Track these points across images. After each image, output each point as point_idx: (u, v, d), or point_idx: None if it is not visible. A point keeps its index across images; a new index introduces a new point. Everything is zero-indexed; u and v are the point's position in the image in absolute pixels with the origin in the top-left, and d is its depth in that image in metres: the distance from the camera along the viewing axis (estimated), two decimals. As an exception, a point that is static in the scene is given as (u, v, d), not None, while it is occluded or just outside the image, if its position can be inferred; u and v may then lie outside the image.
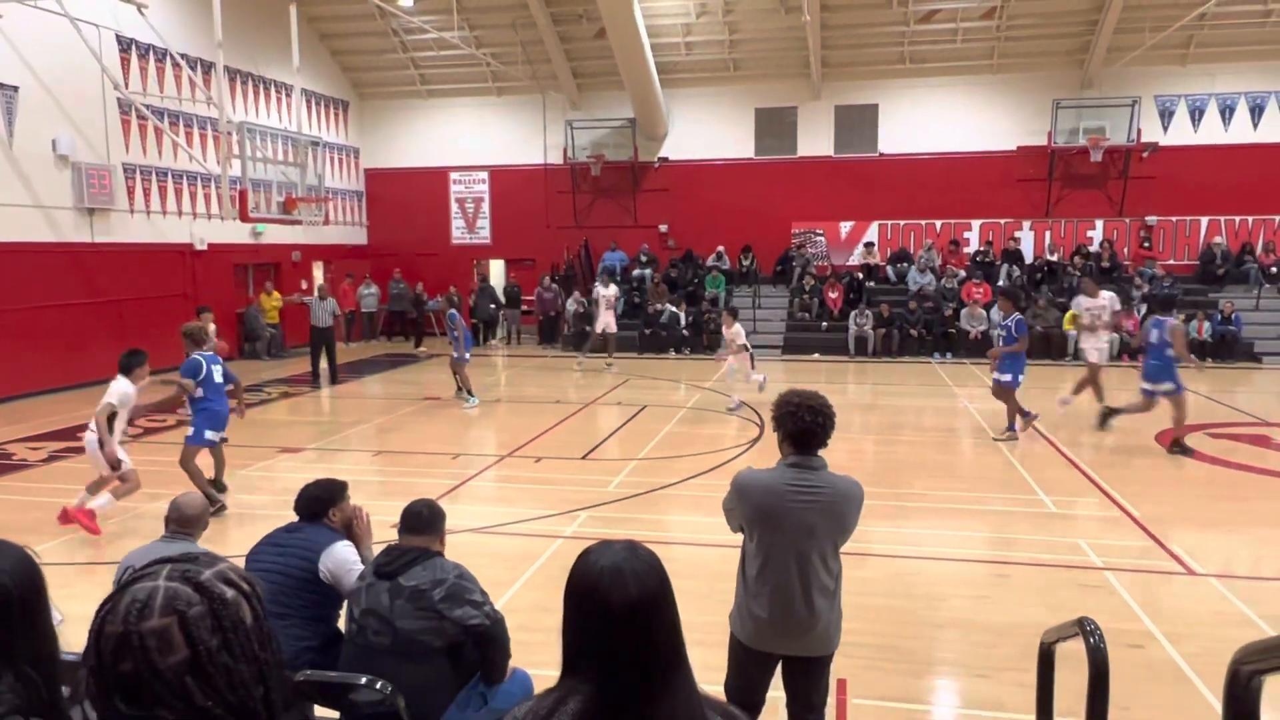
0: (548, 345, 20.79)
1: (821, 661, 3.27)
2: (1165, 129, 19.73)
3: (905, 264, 20.47)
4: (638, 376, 15.83)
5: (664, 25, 19.87)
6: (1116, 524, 7.27)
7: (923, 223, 21.05)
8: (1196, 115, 19.68)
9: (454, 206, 23.48)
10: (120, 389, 6.91)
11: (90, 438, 6.94)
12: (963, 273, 19.81)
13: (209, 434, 7.67)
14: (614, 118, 21.83)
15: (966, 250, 20.67)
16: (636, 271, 21.28)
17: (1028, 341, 10.81)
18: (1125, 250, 20.00)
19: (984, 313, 18.34)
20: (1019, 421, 10.53)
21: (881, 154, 21.00)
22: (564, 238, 22.36)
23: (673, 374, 16.26)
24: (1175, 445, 9.70)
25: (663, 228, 22.17)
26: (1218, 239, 19.57)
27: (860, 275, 20.30)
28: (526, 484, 8.72)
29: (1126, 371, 14.57)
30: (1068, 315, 15.46)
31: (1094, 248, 20.04)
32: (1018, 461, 9.42)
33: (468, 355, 12.88)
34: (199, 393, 7.54)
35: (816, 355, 18.61)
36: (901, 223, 21.16)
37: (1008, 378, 10.43)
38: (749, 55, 20.88)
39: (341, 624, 3.53)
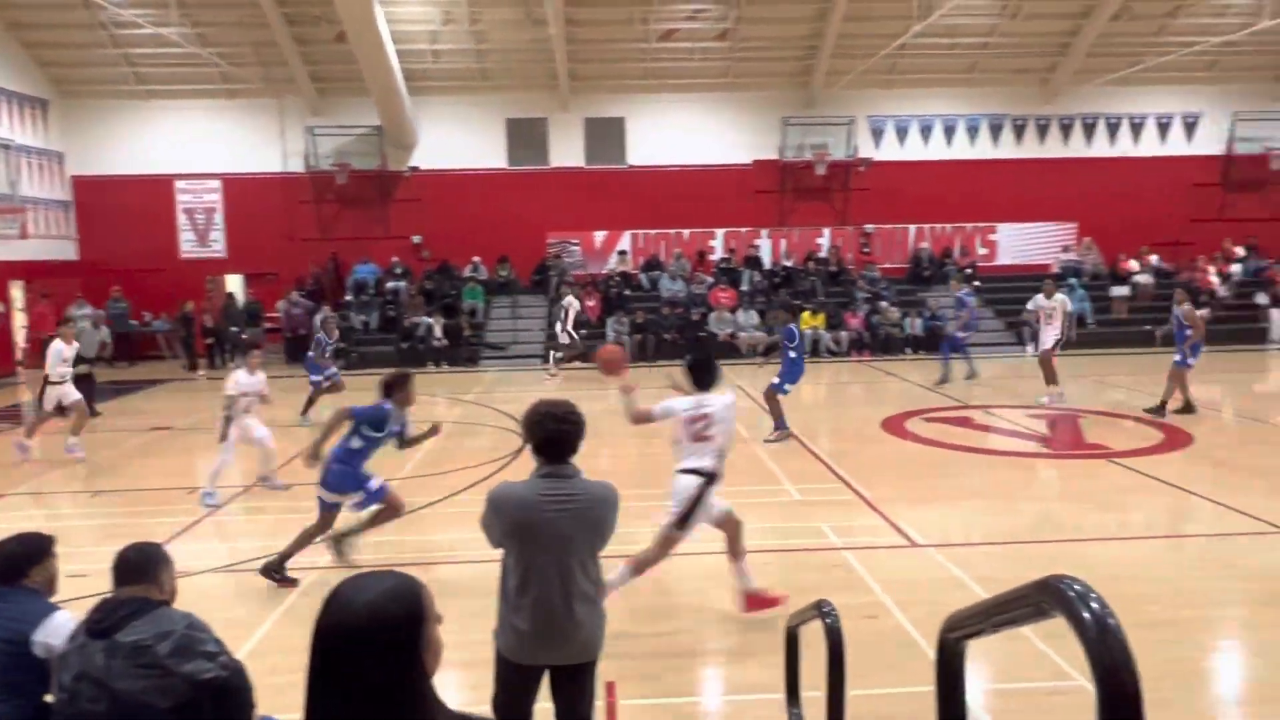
0: (296, 364, 19.55)
1: (586, 668, 3.30)
2: (877, 146, 21.93)
3: (657, 271, 21.27)
4: (396, 393, 15.30)
5: (409, 32, 19.38)
6: (852, 507, 7.94)
7: (672, 232, 21.99)
8: (902, 134, 22.04)
9: (182, 217, 21.57)
10: None
11: None
12: (710, 279, 20.89)
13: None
14: (359, 125, 21.00)
15: (712, 258, 21.83)
16: (391, 284, 20.58)
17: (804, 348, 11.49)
18: (849, 255, 21.98)
19: (731, 316, 19.46)
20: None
21: (630, 165, 21.72)
22: (310, 250, 21.18)
23: (430, 388, 15.86)
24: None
25: (416, 239, 21.61)
26: (924, 244, 22.02)
27: (616, 283, 20.85)
28: (278, 514, 8.15)
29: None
30: (803, 316, 16.76)
31: (823, 254, 21.86)
32: (767, 455, 10.04)
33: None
34: None
35: (577, 363, 18.87)
36: (652, 232, 21.99)
37: (776, 381, 10.92)
38: (498, 66, 20.86)
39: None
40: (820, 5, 19.35)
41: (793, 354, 10.82)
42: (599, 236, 21.98)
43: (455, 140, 21.42)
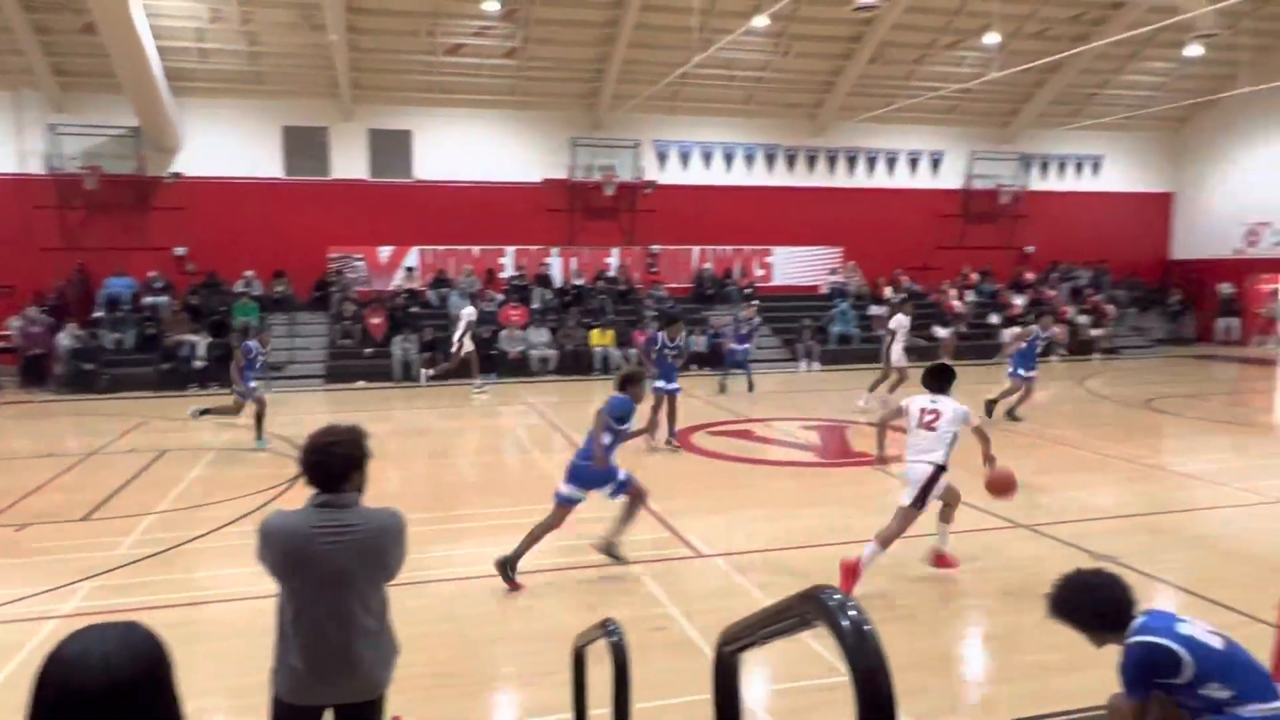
0: (35, 388, 17.45)
1: (371, 705, 3.14)
2: (662, 168, 22.70)
3: (446, 288, 20.86)
4: (156, 418, 14.02)
5: (172, 27, 17.92)
6: (642, 521, 8.10)
7: (461, 248, 21.67)
8: (685, 158, 22.96)
9: (-112, 221, 18.74)
10: None
11: None
12: (500, 296, 20.75)
13: None
14: (112, 125, 19.14)
15: (503, 275, 21.70)
16: (149, 299, 18.87)
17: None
18: (637, 275, 22.57)
19: (521, 334, 19.40)
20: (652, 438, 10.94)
21: (418, 179, 21.21)
22: (52, 260, 19.03)
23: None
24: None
25: (180, 250, 19.95)
26: (707, 265, 23.00)
27: (403, 300, 20.25)
28: (4, 559, 7.22)
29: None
30: (593, 333, 17.03)
31: (612, 273, 22.32)
32: (557, 472, 10.05)
33: None
34: None
35: (361, 383, 18.13)
36: (441, 248, 21.56)
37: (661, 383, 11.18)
38: (273, 69, 19.74)
39: None
40: (606, 31, 19.82)
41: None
42: (384, 252, 21.27)
43: (226, 146, 20.02)
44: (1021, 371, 12.87)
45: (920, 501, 6.24)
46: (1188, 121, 26.00)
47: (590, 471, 6.61)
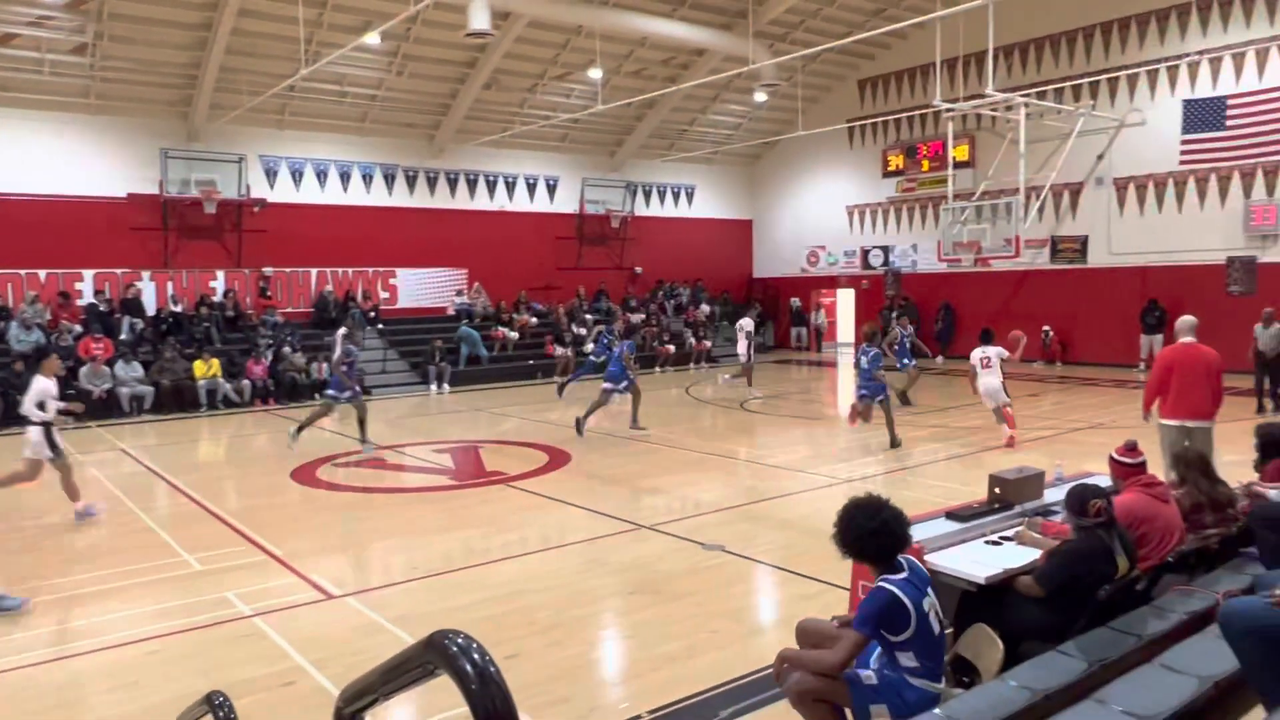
0: None
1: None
2: (272, 186, 21.20)
3: (4, 320, 17.60)
4: None
5: None
6: (263, 567, 7.46)
7: (23, 272, 18.45)
8: (297, 176, 21.66)
9: None
10: None
11: None
12: (78, 327, 17.97)
13: None
14: None
15: (80, 302, 18.82)
16: None
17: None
18: (248, 299, 20.82)
19: (107, 369, 16.95)
20: None
21: (-41, 191, 17.68)
22: None
23: None
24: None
25: None
26: (328, 288, 21.87)
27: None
28: None
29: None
30: (197, 365, 15.29)
31: (218, 298, 20.36)
32: (160, 526, 8.93)
33: None
34: None
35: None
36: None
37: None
38: None
39: None
40: (199, 34, 18.06)
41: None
42: (-87, 277, 17.42)
43: None
44: (906, 361, 15.77)
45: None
46: (760, 158, 29.93)
47: None
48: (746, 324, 19.48)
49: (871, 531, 3.64)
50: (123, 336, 18.29)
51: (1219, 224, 19.32)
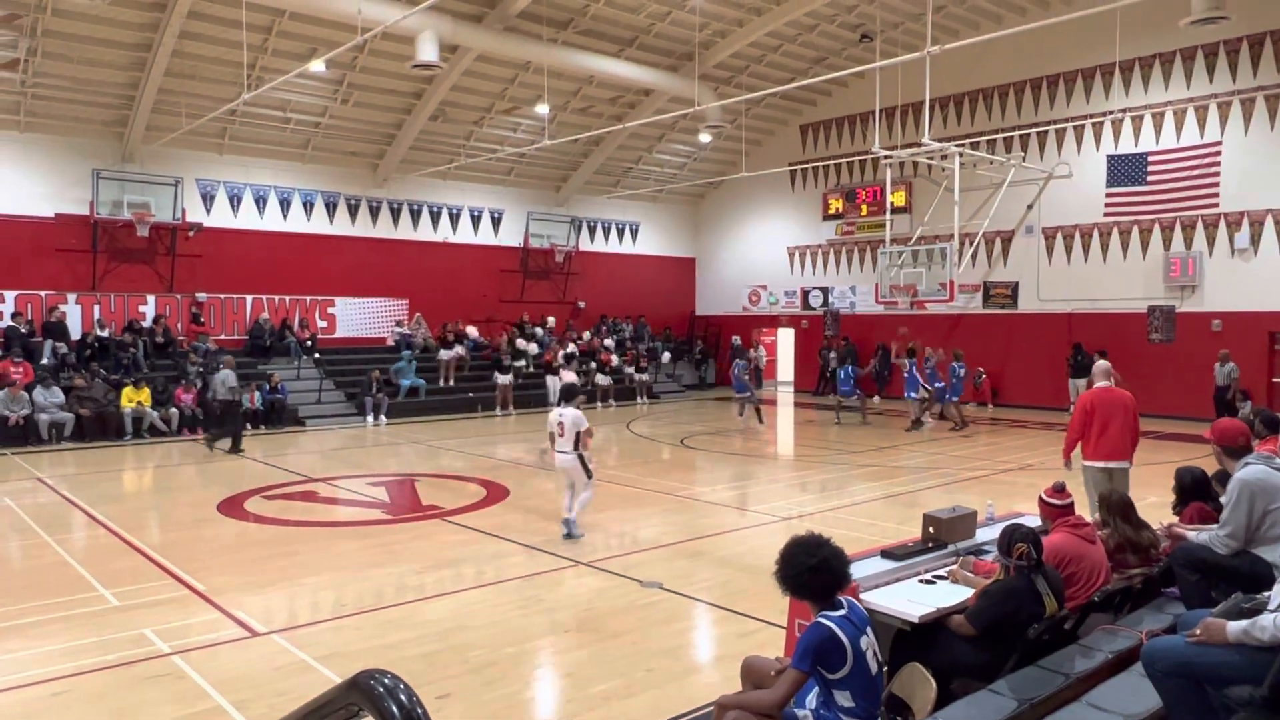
0: None
1: None
2: (208, 211, 20.77)
3: (-85, 341, 16.83)
4: None
5: None
6: (184, 603, 7.18)
7: (-62, 292, 17.70)
8: (235, 201, 21.26)
9: None
10: None
11: None
12: (-3, 351, 17.26)
13: None
14: None
15: (-1, 324, 18.10)
16: None
17: None
18: (179, 325, 20.26)
19: (25, 394, 16.30)
20: None
21: None
22: None
23: None
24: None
25: None
26: (264, 315, 21.40)
27: None
28: None
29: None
30: (125, 392, 14.85)
31: (148, 323, 19.78)
32: (75, 559, 8.55)
33: None
34: None
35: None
36: (-93, 291, 17.40)
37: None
38: None
39: None
40: (138, 55, 17.70)
41: None
42: None
43: None
44: (917, 394, 17.93)
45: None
46: (704, 198, 30.33)
47: None
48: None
49: (811, 568, 3.65)
50: (44, 360, 17.63)
51: (1141, 274, 20.13)
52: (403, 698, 1.27)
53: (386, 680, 1.31)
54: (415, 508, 11.14)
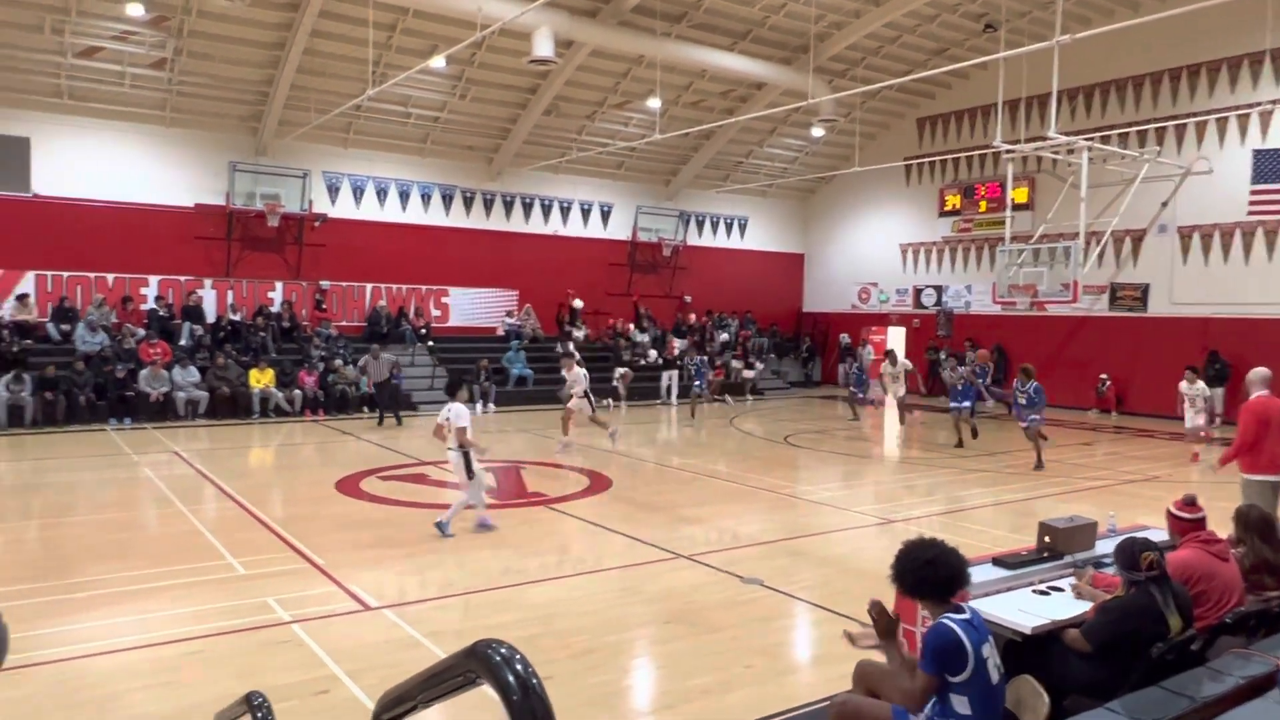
0: None
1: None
2: (333, 202, 21.70)
3: (72, 322, 18.19)
4: None
5: None
6: (303, 575, 7.55)
7: (91, 275, 19.07)
8: (358, 193, 22.15)
9: None
10: None
11: None
12: (141, 331, 18.50)
13: None
14: None
15: (143, 307, 19.38)
16: None
17: None
18: (304, 311, 21.25)
19: (165, 373, 17.41)
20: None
21: (36, 195, 18.38)
22: None
23: None
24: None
25: None
26: (381, 303, 22.23)
27: (11, 333, 17.34)
28: None
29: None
30: (252, 373, 15.64)
31: (275, 308, 20.82)
32: (207, 528, 9.09)
33: None
34: None
35: None
36: (65, 274, 18.81)
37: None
38: None
39: None
40: (272, 53, 18.65)
41: None
42: (-11, 276, 18.12)
43: None
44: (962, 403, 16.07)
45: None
46: (815, 193, 29.87)
47: None
48: (908, 363, 19.64)
49: (929, 561, 3.56)
50: (182, 342, 18.78)
51: (1287, 277, 18.78)
52: (519, 667, 1.31)
53: (504, 650, 1.35)
54: (520, 494, 11.39)
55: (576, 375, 14.76)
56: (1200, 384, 15.38)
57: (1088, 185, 18.43)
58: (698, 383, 20.51)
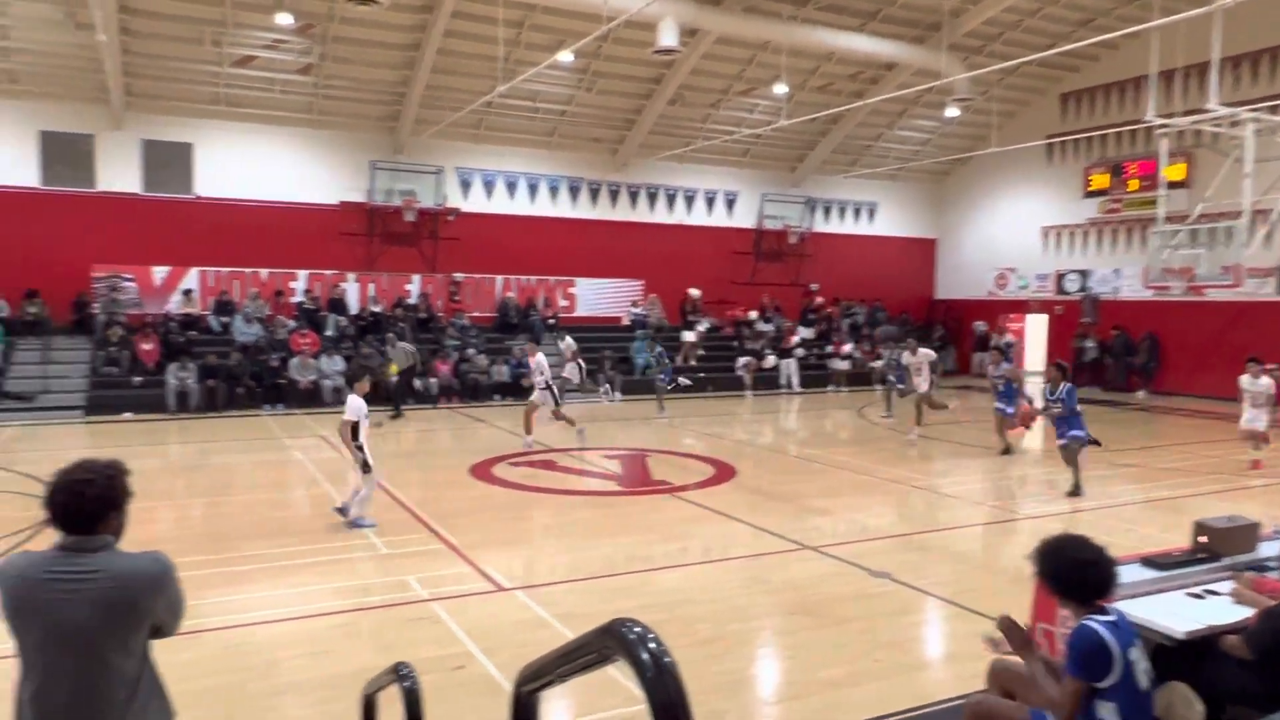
0: None
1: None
2: (465, 197, 22.43)
3: (230, 314, 19.53)
4: None
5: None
6: (439, 555, 7.88)
7: (247, 271, 20.39)
8: (489, 187, 22.82)
9: None
10: None
11: None
12: (291, 322, 19.68)
13: None
14: None
15: (293, 300, 20.59)
16: None
17: None
18: (439, 303, 22.10)
19: (314, 362, 18.46)
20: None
21: (199, 196, 19.80)
22: None
23: (-74, 449, 12.88)
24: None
25: (-94, 264, 17.54)
26: (510, 294, 22.88)
27: (178, 324, 18.77)
28: None
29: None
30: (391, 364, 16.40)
31: (412, 300, 21.73)
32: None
33: None
34: None
35: (129, 415, 16.59)
36: (224, 270, 20.19)
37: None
38: (30, 68, 17.86)
39: None
40: (408, 54, 19.43)
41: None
42: (159, 272, 19.64)
43: (-33, 149, 17.88)
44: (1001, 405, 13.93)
45: None
46: (948, 175, 28.79)
47: None
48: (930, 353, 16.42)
49: (1087, 562, 3.40)
50: (328, 333, 19.86)
51: None
52: (653, 645, 1.36)
53: (638, 629, 1.40)
54: (646, 482, 11.52)
55: (539, 363, 13.68)
56: (1265, 379, 12.93)
57: (1254, 160, 17.04)
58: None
